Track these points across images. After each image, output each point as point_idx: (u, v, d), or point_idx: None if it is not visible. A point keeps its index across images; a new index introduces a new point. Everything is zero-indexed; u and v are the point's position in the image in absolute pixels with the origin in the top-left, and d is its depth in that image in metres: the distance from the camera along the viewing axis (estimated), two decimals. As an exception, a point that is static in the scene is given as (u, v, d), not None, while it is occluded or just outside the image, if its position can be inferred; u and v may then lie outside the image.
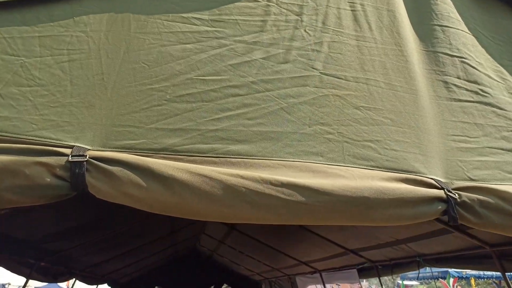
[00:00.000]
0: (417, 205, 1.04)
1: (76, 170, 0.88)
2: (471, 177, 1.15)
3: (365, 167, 1.07)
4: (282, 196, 0.95)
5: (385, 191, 1.00)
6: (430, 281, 21.57)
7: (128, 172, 0.90)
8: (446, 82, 1.27)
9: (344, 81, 1.15)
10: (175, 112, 1.00)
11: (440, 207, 1.07)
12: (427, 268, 15.88)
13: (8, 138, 0.87)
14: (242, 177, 0.95)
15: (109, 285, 8.86)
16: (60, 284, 7.61)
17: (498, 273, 15.66)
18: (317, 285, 7.48)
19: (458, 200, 1.07)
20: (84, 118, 0.94)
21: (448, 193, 1.06)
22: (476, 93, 1.28)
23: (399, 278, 27.01)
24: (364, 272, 5.67)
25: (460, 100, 1.26)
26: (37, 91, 0.92)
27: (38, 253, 4.27)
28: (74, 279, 6.16)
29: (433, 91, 1.24)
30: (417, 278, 19.68)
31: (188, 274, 10.83)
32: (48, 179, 0.86)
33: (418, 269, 4.46)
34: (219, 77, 1.06)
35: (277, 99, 1.07)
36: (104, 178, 0.90)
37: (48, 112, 0.91)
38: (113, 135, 0.95)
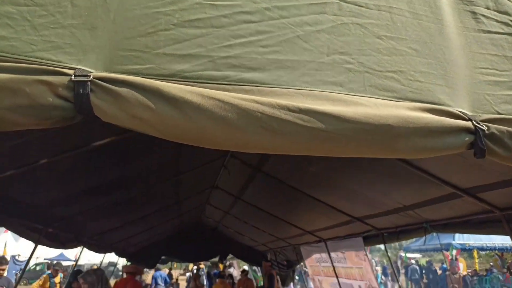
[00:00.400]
0: (444, 135, 0.98)
1: (80, 90, 0.82)
2: (499, 111, 1.09)
3: (388, 98, 1.00)
4: (300, 122, 0.89)
5: (410, 119, 0.94)
6: (433, 253, 21.93)
7: (136, 93, 0.84)
8: (474, 13, 1.18)
9: (365, 9, 1.06)
10: (183, 37, 0.93)
11: (467, 138, 1.01)
12: (432, 236, 16.07)
13: (6, 58, 0.81)
14: (257, 102, 0.89)
15: (116, 254, 9.04)
16: (68, 256, 7.74)
17: (501, 245, 15.89)
18: (321, 254, 7.58)
19: (487, 132, 1.01)
20: (86, 40, 0.88)
21: (476, 124, 1.00)
22: (507, 24, 1.19)
23: (401, 251, 27.44)
24: (370, 239, 5.71)
25: (489, 32, 1.17)
26: (35, 11, 0.85)
27: (45, 218, 4.30)
28: (82, 247, 6.26)
29: (460, 22, 1.15)
30: (420, 251, 19.96)
31: (194, 245, 11.04)
32: (51, 99, 0.81)
33: (425, 235, 4.46)
34: (231, 3, 0.98)
35: (293, 27, 0.99)
36: (110, 99, 0.84)
37: (48, 33, 0.84)
38: (118, 59, 0.89)
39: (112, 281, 7.77)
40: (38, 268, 22.26)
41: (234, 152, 5.11)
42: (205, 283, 11.43)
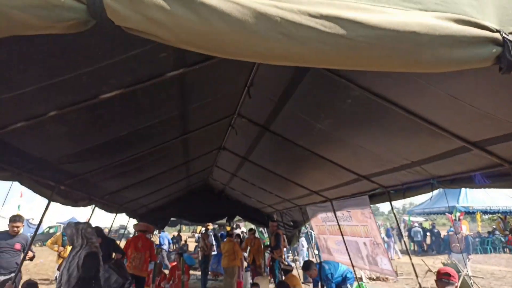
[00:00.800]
0: (470, 46, 0.94)
1: (92, -10, 0.79)
2: (528, 25, 1.04)
3: (413, 9, 0.95)
4: (322, 28, 0.85)
5: (437, 28, 0.89)
6: (436, 217, 22.27)
7: (150, -6, 0.80)
8: None
9: None
10: None
11: (494, 50, 0.96)
12: (436, 200, 16.28)
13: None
14: (277, 7, 0.85)
15: (127, 215, 9.28)
16: (79, 219, 7.95)
17: (504, 208, 15.97)
18: (327, 213, 7.71)
19: (516, 44, 0.96)
20: None
21: (505, 36, 0.95)
22: None
23: (405, 214, 27.84)
24: (375, 197, 5.77)
25: None
26: None
27: (57, 175, 4.38)
28: (93, 206, 6.42)
29: None
30: (423, 214, 20.23)
31: (202, 207, 11.28)
32: None
33: (431, 191, 4.47)
34: None
35: None
36: (124, 0, 0.80)
37: None
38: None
39: (123, 243, 8.03)
40: (51, 231, 23.06)
41: (241, 111, 5.08)
42: (213, 243, 11.79)
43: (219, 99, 4.36)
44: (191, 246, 17.89)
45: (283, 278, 7.44)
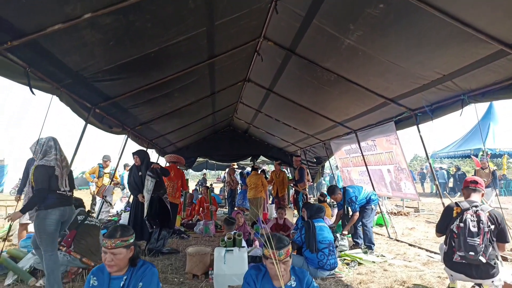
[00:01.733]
0: None
1: None
2: None
3: None
4: None
5: None
6: (460, 160, 22.00)
7: None
8: None
9: None
10: None
11: None
12: (461, 143, 15.93)
13: None
14: None
15: (156, 152, 9.66)
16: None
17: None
18: (351, 145, 7.78)
19: None
20: None
21: None
22: None
23: (427, 162, 27.57)
24: (402, 123, 5.76)
25: None
26: None
27: (93, 95, 4.57)
28: (125, 136, 6.71)
29: None
30: (448, 157, 19.99)
31: (227, 147, 11.59)
32: None
33: (462, 108, 4.41)
34: None
35: None
36: None
37: None
38: None
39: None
40: (84, 176, 24.37)
41: (267, 33, 5.03)
42: (239, 180, 12.22)
43: (245, 17, 4.31)
44: (216, 190, 18.64)
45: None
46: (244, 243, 4.57)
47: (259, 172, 9.44)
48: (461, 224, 3.50)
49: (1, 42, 2.76)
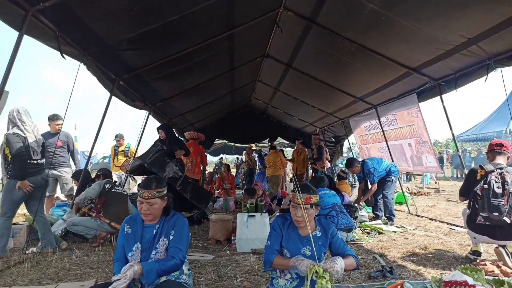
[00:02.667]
0: None
1: None
2: None
3: None
4: None
5: None
6: (481, 143, 21.49)
7: None
8: None
9: None
10: None
11: None
12: (483, 125, 15.28)
13: None
14: None
15: (175, 132, 9.80)
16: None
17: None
18: (370, 121, 7.72)
19: None
20: None
21: None
22: None
23: (449, 144, 27.00)
24: (424, 94, 5.67)
25: None
26: None
27: (117, 66, 4.69)
28: (147, 112, 6.85)
29: None
30: (469, 140, 19.55)
31: (244, 129, 11.66)
32: None
33: (487, 74, 4.31)
34: None
35: None
36: None
37: None
38: None
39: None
40: (105, 161, 24.98)
41: (287, 3, 5.00)
42: (256, 160, 12.30)
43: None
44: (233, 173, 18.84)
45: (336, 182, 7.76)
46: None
47: (277, 150, 9.47)
48: (485, 186, 3.48)
49: (33, 3, 2.87)
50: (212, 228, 4.71)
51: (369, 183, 5.81)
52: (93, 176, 5.65)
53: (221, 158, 20.45)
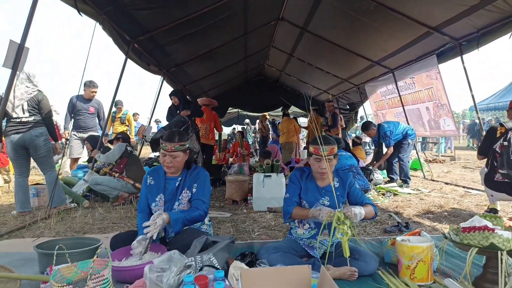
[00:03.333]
0: None
1: None
2: None
3: None
4: None
5: None
6: (499, 112, 20.95)
7: None
8: None
9: None
10: None
11: None
12: (502, 94, 14.97)
13: None
14: None
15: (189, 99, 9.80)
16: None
17: None
18: (387, 87, 7.58)
19: None
20: None
21: None
22: None
23: (466, 114, 26.41)
24: (444, 55, 5.51)
25: None
26: None
27: (131, 28, 4.66)
28: (161, 78, 6.86)
29: None
30: (487, 110, 19.08)
31: (258, 97, 11.58)
32: None
33: (512, 30, 4.15)
34: None
35: None
36: None
37: None
38: None
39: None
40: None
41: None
42: (270, 129, 12.31)
43: None
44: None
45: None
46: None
47: (290, 117, 9.44)
48: (505, 143, 3.43)
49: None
50: (228, 188, 4.81)
51: (384, 147, 5.78)
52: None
53: (234, 128, 20.51)
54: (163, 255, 2.01)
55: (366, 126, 5.97)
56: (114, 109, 8.51)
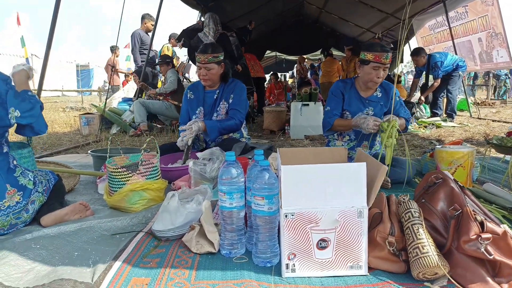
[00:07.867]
0: None
1: None
2: None
3: None
4: None
5: None
6: None
7: None
8: None
9: None
10: None
11: None
12: None
13: None
14: None
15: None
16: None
17: None
18: (436, 19, 7.05)
19: None
20: None
21: None
22: None
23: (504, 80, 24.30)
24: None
25: None
26: None
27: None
28: (199, 13, 6.80)
29: None
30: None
31: (296, 39, 11.23)
32: None
33: None
34: None
35: None
36: None
37: None
38: None
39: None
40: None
41: None
42: (308, 70, 12.05)
43: None
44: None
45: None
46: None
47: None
48: None
49: None
50: (266, 118, 4.89)
51: (431, 78, 5.46)
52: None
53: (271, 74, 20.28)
54: (205, 150, 2.15)
55: (417, 52, 5.55)
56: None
